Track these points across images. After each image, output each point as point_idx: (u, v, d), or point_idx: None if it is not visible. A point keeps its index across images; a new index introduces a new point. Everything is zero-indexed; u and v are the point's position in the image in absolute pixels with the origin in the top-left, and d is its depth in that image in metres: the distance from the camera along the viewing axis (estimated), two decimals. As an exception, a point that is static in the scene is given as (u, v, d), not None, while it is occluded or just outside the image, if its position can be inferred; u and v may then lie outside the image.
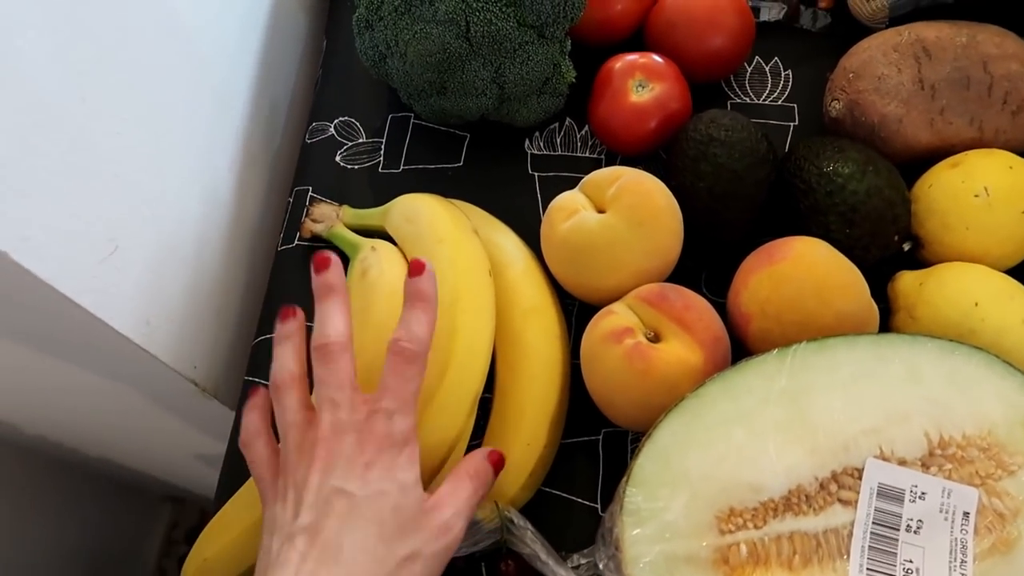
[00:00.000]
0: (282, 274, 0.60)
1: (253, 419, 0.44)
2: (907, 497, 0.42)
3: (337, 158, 0.63)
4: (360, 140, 0.63)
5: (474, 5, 0.51)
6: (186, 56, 0.53)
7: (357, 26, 0.57)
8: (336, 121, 0.64)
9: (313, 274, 0.43)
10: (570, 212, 0.51)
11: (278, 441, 0.42)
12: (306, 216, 0.58)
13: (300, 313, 0.45)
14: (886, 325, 0.51)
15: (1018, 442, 0.42)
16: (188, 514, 1.22)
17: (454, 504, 0.41)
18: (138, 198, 0.47)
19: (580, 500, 0.51)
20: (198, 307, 0.55)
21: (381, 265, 0.50)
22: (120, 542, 1.09)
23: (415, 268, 0.43)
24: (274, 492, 0.40)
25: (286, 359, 0.43)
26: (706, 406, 0.43)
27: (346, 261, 0.55)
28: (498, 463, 0.44)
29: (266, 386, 0.44)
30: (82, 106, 0.41)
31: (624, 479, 0.42)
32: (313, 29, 0.72)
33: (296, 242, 0.60)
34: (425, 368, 0.42)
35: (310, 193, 0.62)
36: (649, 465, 0.42)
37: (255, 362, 0.57)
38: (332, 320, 0.42)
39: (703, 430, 0.43)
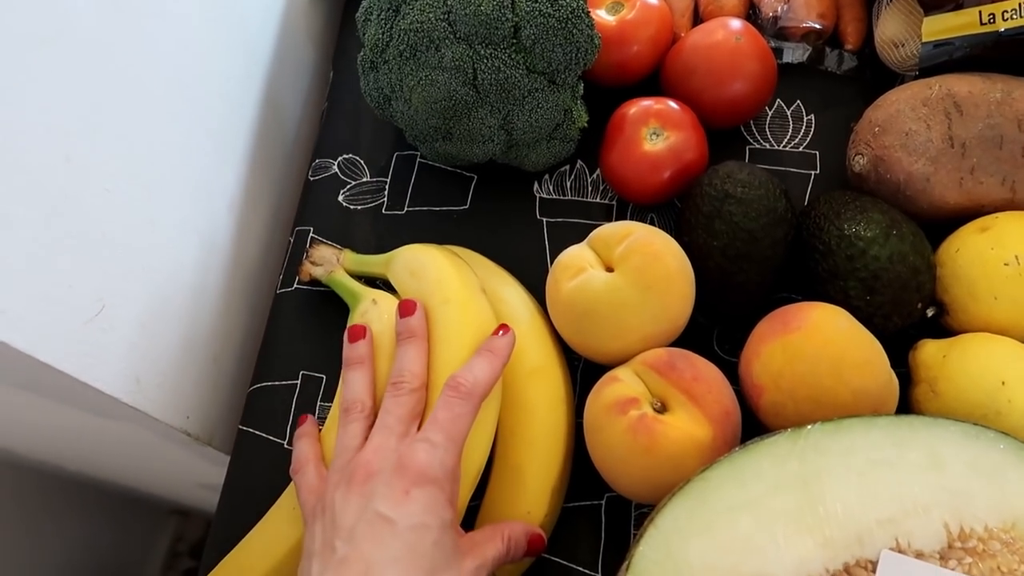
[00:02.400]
0: (280, 317, 0.58)
1: (303, 447, 0.46)
2: (924, 594, 0.39)
3: (340, 198, 0.61)
4: (364, 179, 0.61)
5: (482, 52, 0.49)
6: (184, 100, 0.51)
7: (362, 66, 0.55)
8: (340, 159, 0.62)
9: (398, 316, 0.47)
10: (576, 270, 0.49)
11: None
12: (305, 258, 0.56)
13: (371, 334, 0.48)
14: (906, 395, 0.48)
15: (1044, 537, 0.40)
16: (193, 527, 1.21)
17: (483, 555, 0.41)
18: (128, 253, 0.46)
19: (581, 569, 0.49)
20: (193, 357, 0.53)
21: (383, 320, 0.49)
22: (124, 555, 1.09)
23: (500, 330, 0.47)
24: (313, 515, 0.41)
25: (360, 387, 0.45)
26: (712, 490, 0.41)
27: (345, 309, 0.53)
28: (535, 547, 0.45)
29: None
30: (67, 166, 0.40)
31: (624, 566, 0.40)
32: (321, 59, 0.70)
33: (295, 285, 0.58)
34: (477, 412, 0.43)
35: (311, 234, 0.60)
36: (650, 553, 0.40)
37: (251, 410, 0.56)
38: (413, 362, 0.45)
39: (708, 516, 0.41)
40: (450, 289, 0.48)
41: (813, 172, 0.58)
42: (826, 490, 0.41)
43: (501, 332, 0.46)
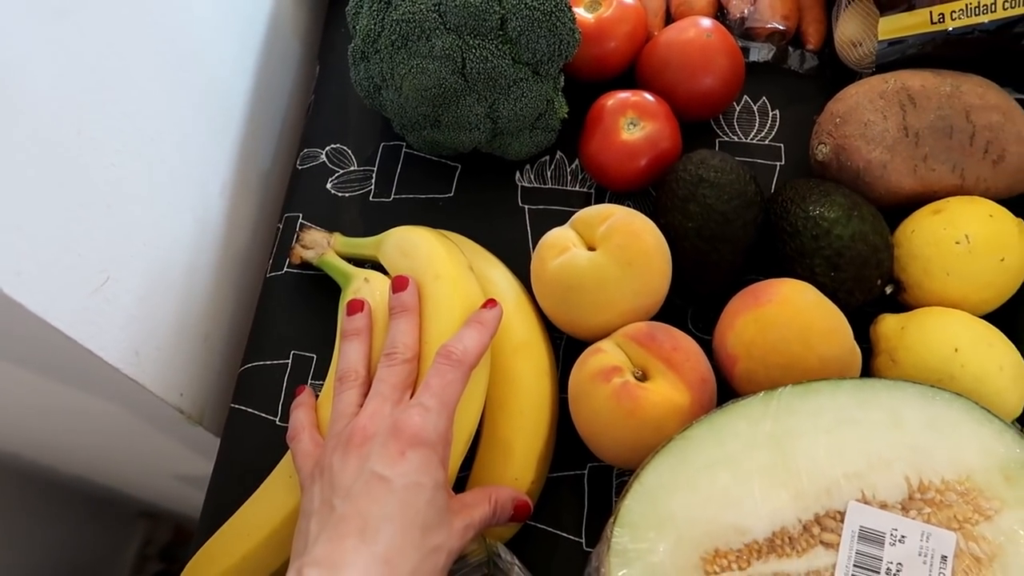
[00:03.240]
0: (270, 300, 0.60)
1: (299, 415, 0.48)
2: (887, 540, 0.42)
3: (328, 185, 0.63)
4: (352, 168, 0.63)
5: (470, 42, 0.52)
6: (182, 83, 0.53)
7: (352, 56, 0.57)
8: (328, 148, 0.64)
9: (391, 291, 0.48)
10: (561, 249, 0.52)
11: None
12: (296, 242, 0.58)
13: (368, 306, 0.49)
14: (868, 366, 0.52)
15: (995, 488, 0.43)
16: (162, 531, 1.20)
17: (472, 516, 0.43)
18: (130, 228, 0.47)
19: (565, 535, 0.52)
20: (186, 335, 0.55)
21: (375, 297, 0.51)
22: (92, 558, 1.08)
23: (489, 304, 0.49)
24: (311, 478, 0.43)
25: (354, 357, 0.47)
26: (692, 448, 0.44)
27: (334, 291, 0.55)
28: (521, 512, 0.47)
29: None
30: (78, 139, 0.41)
31: (611, 519, 0.43)
32: (306, 54, 0.72)
33: (285, 269, 0.60)
34: (467, 380, 0.45)
35: (300, 220, 0.62)
36: (636, 506, 0.43)
37: (241, 390, 0.57)
38: (405, 334, 0.46)
39: (689, 472, 0.43)
40: (440, 266, 0.51)
41: (778, 163, 0.62)
42: (797, 447, 0.44)
43: (489, 305, 0.48)
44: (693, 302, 0.57)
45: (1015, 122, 0.53)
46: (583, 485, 0.53)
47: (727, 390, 0.50)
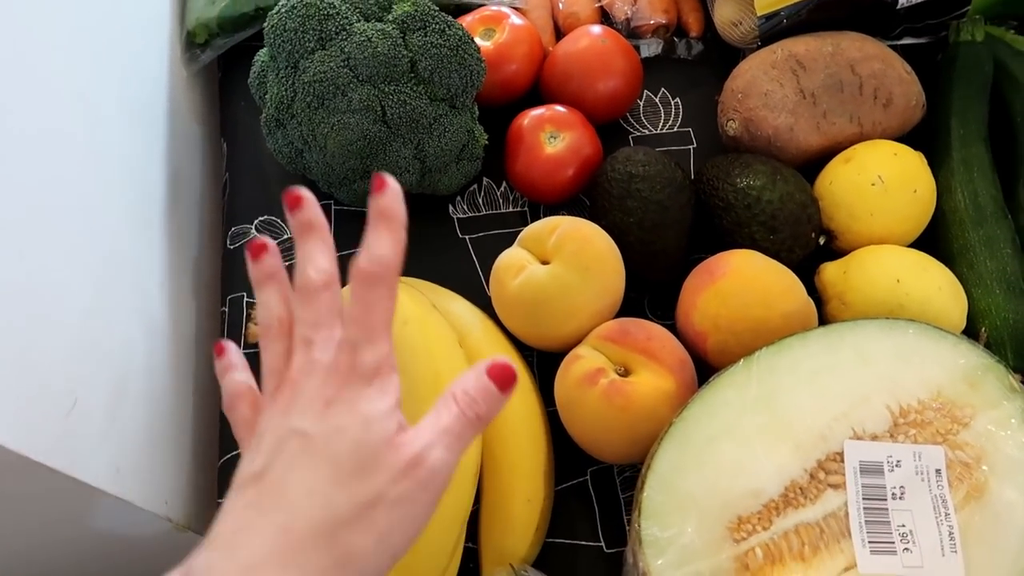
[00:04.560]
0: (233, 386, 0.58)
1: (231, 380, 0.39)
2: (886, 467, 0.45)
3: (265, 258, 0.62)
4: (285, 236, 0.63)
5: (386, 90, 0.53)
6: (105, 182, 0.51)
7: (267, 126, 0.57)
8: (256, 221, 0.63)
9: (288, 214, 0.37)
10: (517, 269, 0.53)
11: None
12: (248, 321, 0.57)
13: (273, 246, 0.40)
14: (822, 315, 0.55)
15: (963, 396, 0.47)
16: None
17: (430, 432, 0.33)
18: (85, 344, 0.45)
19: (584, 543, 0.52)
20: (157, 441, 0.53)
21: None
22: None
23: (377, 185, 0.36)
24: (247, 449, 0.35)
25: (275, 303, 0.38)
26: (692, 428, 0.46)
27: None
28: (502, 377, 0.35)
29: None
30: (21, 263, 0.39)
31: (635, 513, 0.44)
32: (210, 134, 0.71)
33: (242, 351, 0.59)
34: (395, 292, 0.36)
35: (245, 299, 0.60)
36: (655, 495, 0.44)
37: (224, 483, 0.55)
38: (313, 258, 0.36)
39: (695, 451, 0.45)
40: (406, 311, 0.51)
41: (691, 146, 0.65)
42: (785, 403, 0.46)
43: (378, 187, 0.36)
44: (647, 291, 0.59)
45: (894, 66, 0.58)
46: (588, 491, 0.54)
47: (702, 367, 0.52)
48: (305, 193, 0.38)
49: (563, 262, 0.52)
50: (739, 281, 0.51)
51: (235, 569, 0.30)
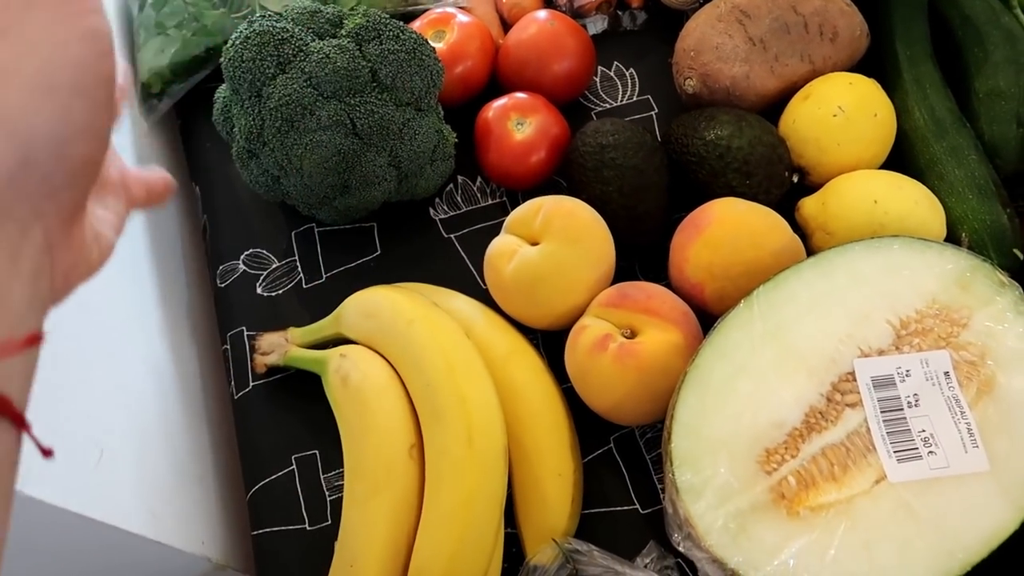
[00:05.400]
0: (248, 419, 0.58)
1: None
2: (897, 379, 0.47)
3: (259, 290, 0.62)
4: (274, 265, 0.63)
5: (352, 102, 0.54)
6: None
7: (240, 159, 0.58)
8: (243, 256, 0.64)
9: None
10: (510, 254, 0.54)
11: None
12: (255, 352, 0.57)
13: None
14: (808, 249, 0.57)
15: (957, 298, 0.48)
16: None
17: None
18: (102, 394, 0.45)
19: (620, 508, 0.53)
20: (185, 482, 0.53)
21: (359, 367, 0.51)
22: None
23: None
24: None
25: None
26: (707, 373, 0.47)
27: (316, 380, 0.55)
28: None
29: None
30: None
31: (667, 464, 0.45)
32: (179, 181, 0.71)
33: (252, 384, 0.59)
34: None
35: (245, 332, 0.61)
36: (683, 443, 0.45)
37: (258, 514, 0.55)
38: None
39: (713, 394, 0.46)
40: (410, 312, 0.52)
41: (653, 112, 0.67)
42: (791, 334, 0.47)
43: None
44: (636, 257, 0.60)
45: (834, 0, 0.60)
46: (615, 458, 0.55)
47: (704, 319, 0.53)
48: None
49: (553, 239, 0.53)
50: (725, 227, 0.52)
51: None
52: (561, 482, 0.51)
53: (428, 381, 0.49)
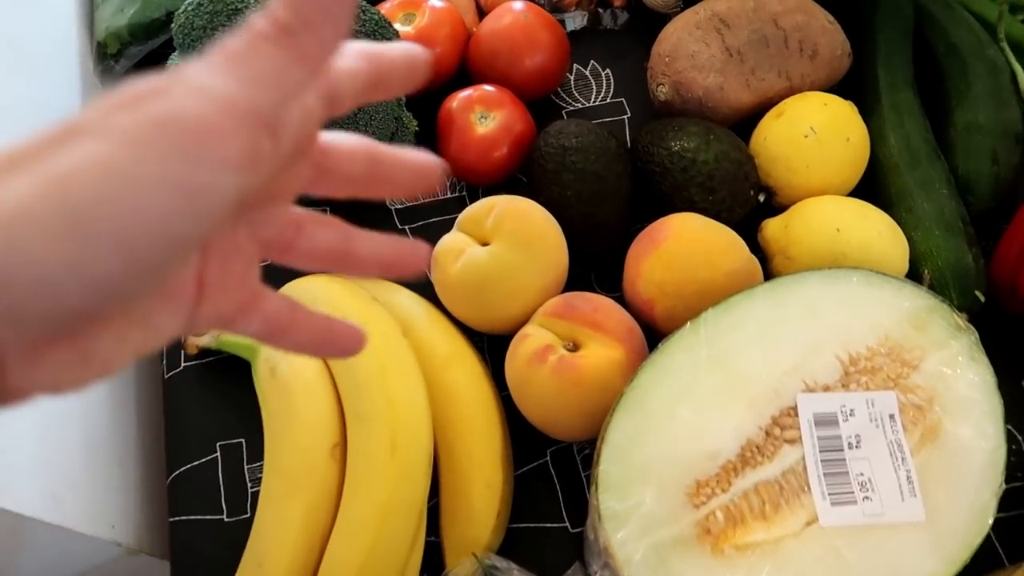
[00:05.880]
0: (177, 400, 0.56)
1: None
2: (840, 418, 0.45)
3: (200, 267, 0.60)
4: (218, 243, 0.61)
5: (304, 81, 0.51)
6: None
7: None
8: (187, 231, 0.61)
9: None
10: (457, 253, 0.52)
11: None
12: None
13: None
14: (767, 271, 0.55)
15: (910, 338, 0.47)
16: None
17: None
18: None
19: (549, 525, 0.51)
20: (99, 464, 0.51)
21: (289, 359, 0.49)
22: None
23: None
24: None
25: None
26: (645, 395, 0.45)
27: (244, 365, 0.53)
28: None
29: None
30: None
31: (593, 488, 0.43)
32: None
33: (183, 364, 0.57)
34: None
35: (182, 310, 0.58)
36: (612, 468, 0.43)
37: (176, 500, 0.53)
38: None
39: (649, 418, 0.44)
40: (346, 306, 0.49)
41: (625, 116, 0.64)
42: (736, 361, 0.46)
43: None
44: (593, 265, 0.58)
45: (816, 16, 0.58)
46: (550, 472, 0.53)
47: (654, 337, 0.52)
48: None
49: (503, 241, 0.51)
50: (680, 244, 0.50)
51: None
52: (489, 494, 0.49)
53: (357, 381, 0.47)
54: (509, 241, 0.51)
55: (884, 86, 0.58)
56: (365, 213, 0.61)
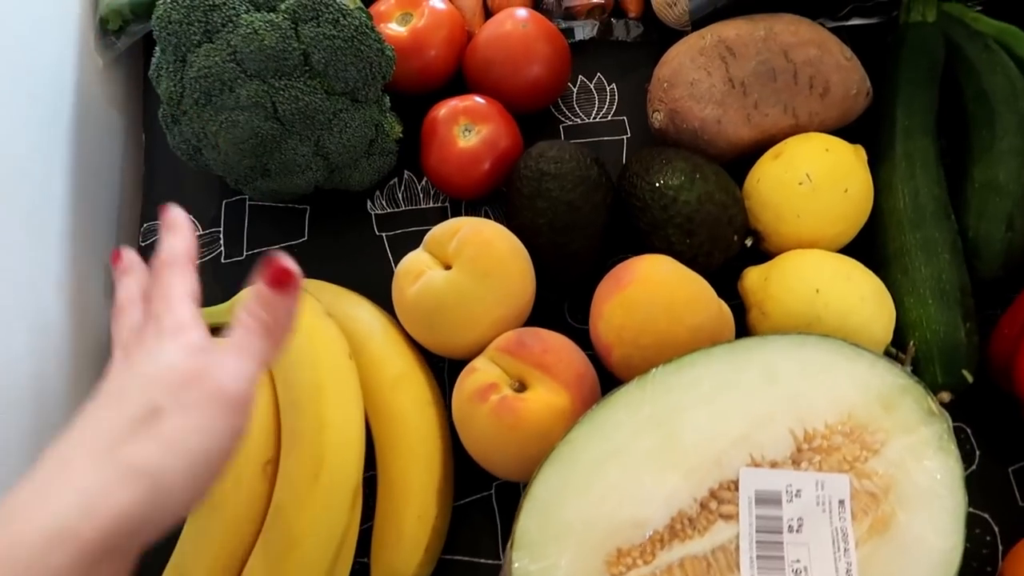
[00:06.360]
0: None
1: (126, 285, 0.40)
2: (784, 498, 0.42)
3: (176, 256, 0.60)
4: (197, 233, 0.61)
5: (276, 85, 0.50)
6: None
7: (164, 122, 0.55)
8: (169, 218, 0.61)
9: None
10: (416, 275, 0.50)
11: None
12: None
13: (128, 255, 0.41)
14: (743, 322, 0.52)
15: (877, 420, 0.43)
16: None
17: (218, 351, 0.33)
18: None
19: (485, 561, 0.50)
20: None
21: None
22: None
23: (163, 213, 0.39)
24: None
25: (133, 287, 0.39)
26: (578, 451, 0.43)
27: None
28: (275, 278, 0.35)
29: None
30: None
31: (509, 544, 0.42)
32: (129, 125, 0.69)
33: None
34: (191, 274, 0.37)
35: (154, 299, 0.59)
36: (531, 524, 0.42)
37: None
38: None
39: (578, 476, 0.42)
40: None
41: (625, 136, 0.61)
42: (680, 425, 0.43)
43: (164, 214, 0.39)
44: (565, 294, 0.56)
45: (831, 52, 0.53)
46: (492, 505, 0.52)
47: (611, 379, 0.49)
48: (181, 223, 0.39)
49: (461, 268, 0.49)
50: (644, 290, 0.47)
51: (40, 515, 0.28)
52: (420, 525, 0.48)
53: (293, 397, 0.47)
54: (467, 268, 0.49)
55: (900, 131, 0.53)
56: (346, 214, 0.60)
